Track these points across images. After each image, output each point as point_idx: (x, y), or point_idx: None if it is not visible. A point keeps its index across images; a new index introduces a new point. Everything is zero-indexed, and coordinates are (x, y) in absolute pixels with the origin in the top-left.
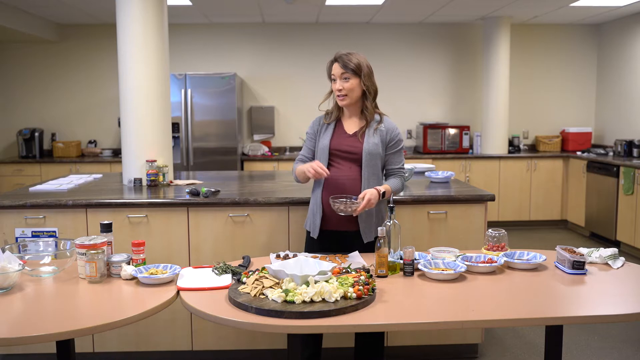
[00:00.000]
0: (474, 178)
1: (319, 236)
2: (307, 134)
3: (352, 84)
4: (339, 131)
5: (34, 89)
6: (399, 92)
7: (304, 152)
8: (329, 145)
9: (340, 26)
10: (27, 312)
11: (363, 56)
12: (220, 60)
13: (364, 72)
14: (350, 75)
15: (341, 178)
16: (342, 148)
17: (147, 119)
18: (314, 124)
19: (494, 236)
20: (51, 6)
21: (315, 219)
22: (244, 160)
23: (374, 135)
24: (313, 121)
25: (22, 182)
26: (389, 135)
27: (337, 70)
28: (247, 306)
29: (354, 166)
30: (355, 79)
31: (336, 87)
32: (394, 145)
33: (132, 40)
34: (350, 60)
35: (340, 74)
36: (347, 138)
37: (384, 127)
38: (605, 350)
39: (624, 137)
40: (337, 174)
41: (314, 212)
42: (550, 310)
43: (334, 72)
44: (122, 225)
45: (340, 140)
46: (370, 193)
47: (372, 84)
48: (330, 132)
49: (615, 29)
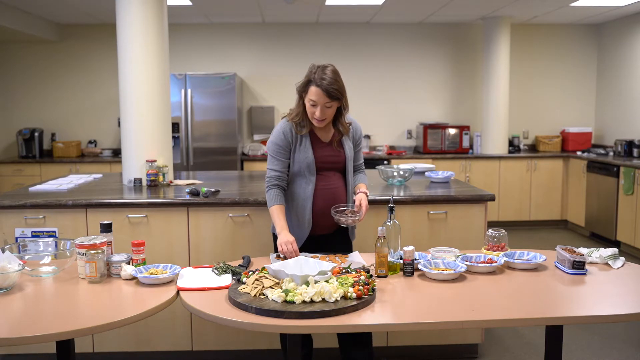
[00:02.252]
0: (474, 178)
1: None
2: (277, 146)
3: (333, 110)
4: (315, 141)
5: (34, 89)
6: (399, 92)
7: (277, 168)
8: (314, 157)
9: (340, 26)
10: (27, 312)
11: (335, 70)
12: (220, 60)
13: (343, 94)
14: (333, 102)
15: (330, 187)
16: (326, 159)
17: (147, 119)
18: (284, 136)
19: (494, 236)
20: (51, 6)
21: (303, 231)
22: (244, 160)
23: (347, 139)
24: (281, 132)
25: (22, 182)
26: (357, 134)
27: (319, 99)
28: (247, 306)
29: (337, 173)
30: (336, 103)
31: (317, 115)
32: (359, 142)
33: (132, 40)
34: (332, 86)
35: (323, 102)
36: (326, 148)
37: (352, 127)
38: (605, 350)
39: (624, 137)
40: (326, 184)
41: (299, 224)
42: (550, 310)
43: (314, 99)
44: (122, 225)
45: (322, 151)
46: (364, 199)
47: (346, 100)
48: (307, 143)
49: (615, 29)
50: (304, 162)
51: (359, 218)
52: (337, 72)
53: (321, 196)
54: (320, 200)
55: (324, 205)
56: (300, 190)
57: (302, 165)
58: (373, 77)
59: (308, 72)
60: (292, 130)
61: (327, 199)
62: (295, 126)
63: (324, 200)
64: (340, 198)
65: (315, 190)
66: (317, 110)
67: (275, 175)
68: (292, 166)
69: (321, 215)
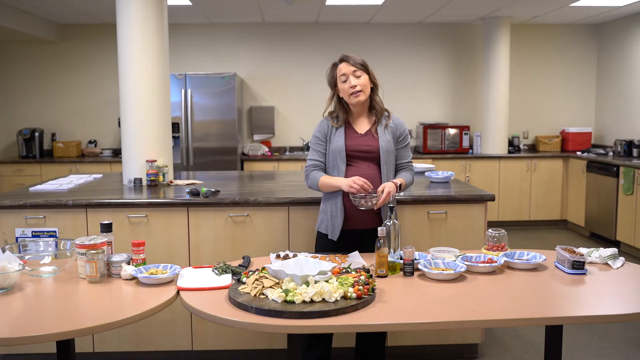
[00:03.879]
0: (474, 178)
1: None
2: (315, 138)
3: (364, 79)
4: (351, 132)
5: (34, 89)
6: (399, 92)
7: (316, 157)
8: (345, 146)
9: (340, 26)
10: (27, 312)
11: None
12: (220, 60)
13: (370, 69)
14: (361, 71)
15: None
16: (359, 148)
17: (147, 119)
18: (322, 127)
19: (494, 236)
20: (51, 6)
21: (336, 221)
22: (244, 160)
23: (386, 132)
24: (320, 124)
25: (22, 182)
26: (399, 131)
27: (347, 69)
28: (247, 306)
29: (372, 165)
30: (365, 74)
31: (350, 85)
32: (403, 139)
33: (132, 40)
34: (356, 58)
35: (352, 71)
36: (361, 137)
37: (393, 123)
38: (605, 350)
39: (623, 137)
40: (357, 173)
41: (332, 214)
42: (550, 310)
43: (343, 72)
44: (122, 225)
45: (355, 141)
46: (389, 186)
47: (375, 78)
48: (341, 134)
49: (615, 29)
50: (336, 150)
51: (375, 202)
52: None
53: None
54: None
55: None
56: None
57: (335, 153)
58: None
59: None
60: (329, 124)
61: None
62: (332, 119)
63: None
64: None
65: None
66: (349, 82)
67: (313, 163)
68: (328, 157)
69: (353, 205)
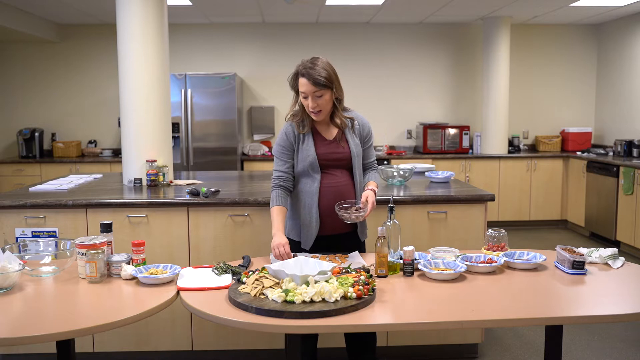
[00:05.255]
0: (474, 178)
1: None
2: (280, 147)
3: (325, 98)
4: (318, 139)
5: (34, 89)
6: (399, 92)
7: (281, 168)
8: (317, 155)
9: (340, 26)
10: (27, 312)
11: (326, 60)
12: (220, 60)
13: (335, 83)
14: (323, 90)
15: (336, 185)
16: (330, 156)
17: (147, 119)
18: (286, 136)
19: (494, 236)
20: (51, 6)
21: (310, 231)
22: (244, 160)
23: (354, 135)
24: (284, 131)
25: (22, 182)
26: (365, 131)
27: (307, 88)
28: (247, 306)
29: (344, 171)
30: (327, 92)
31: (309, 106)
32: (368, 139)
33: (132, 40)
34: (320, 75)
35: (312, 92)
36: (331, 144)
37: (359, 123)
38: (605, 350)
39: (623, 137)
40: (331, 181)
41: (306, 224)
42: (550, 310)
43: (303, 90)
44: (122, 225)
45: (325, 149)
46: (372, 195)
47: (341, 91)
48: (310, 142)
49: (615, 29)
50: (306, 160)
51: (363, 215)
52: (327, 62)
53: (327, 194)
54: (327, 199)
55: (330, 203)
56: (306, 189)
57: (305, 163)
58: (373, 77)
59: (296, 67)
60: (294, 130)
61: (333, 197)
62: (297, 126)
63: (330, 198)
64: (348, 195)
65: (320, 188)
66: (309, 101)
67: (279, 175)
68: (297, 166)
69: (328, 214)
